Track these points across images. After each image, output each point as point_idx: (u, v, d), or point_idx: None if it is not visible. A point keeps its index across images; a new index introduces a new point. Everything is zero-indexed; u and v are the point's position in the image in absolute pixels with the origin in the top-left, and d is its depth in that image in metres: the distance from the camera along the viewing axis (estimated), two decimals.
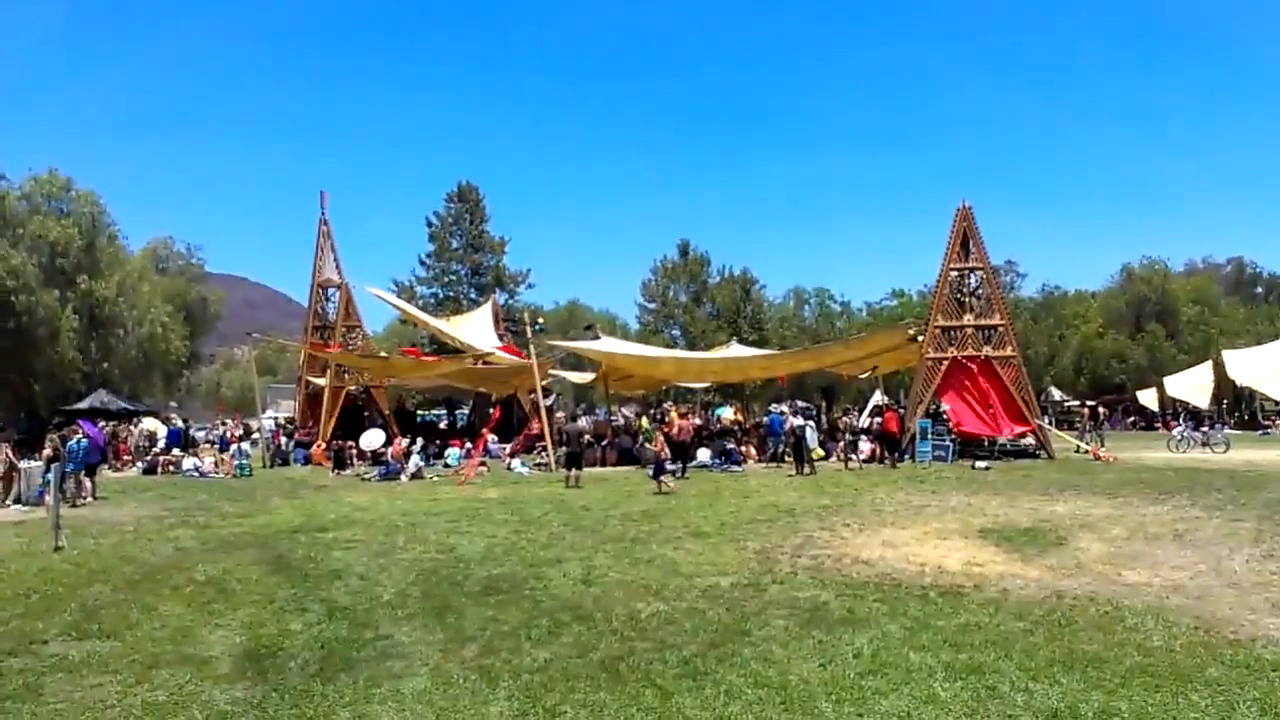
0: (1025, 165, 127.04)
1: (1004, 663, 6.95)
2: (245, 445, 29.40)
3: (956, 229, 26.83)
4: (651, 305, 72.31)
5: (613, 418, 33.33)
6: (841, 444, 25.77)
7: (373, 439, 28.78)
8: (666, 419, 27.66)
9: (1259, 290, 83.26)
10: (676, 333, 69.89)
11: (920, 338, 26.99)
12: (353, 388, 34.35)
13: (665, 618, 8.56)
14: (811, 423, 24.26)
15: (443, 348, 49.30)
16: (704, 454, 25.27)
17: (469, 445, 29.44)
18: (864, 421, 31.56)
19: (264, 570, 11.22)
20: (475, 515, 15.70)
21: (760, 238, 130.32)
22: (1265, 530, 12.19)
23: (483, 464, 25.59)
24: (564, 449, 22.42)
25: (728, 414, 40.08)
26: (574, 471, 20.84)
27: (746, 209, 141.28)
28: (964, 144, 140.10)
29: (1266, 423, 43.95)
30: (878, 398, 35.11)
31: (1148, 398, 54.18)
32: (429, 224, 63.99)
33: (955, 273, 26.95)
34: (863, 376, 42.11)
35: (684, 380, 40.25)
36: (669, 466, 23.58)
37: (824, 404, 48.04)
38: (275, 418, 45.71)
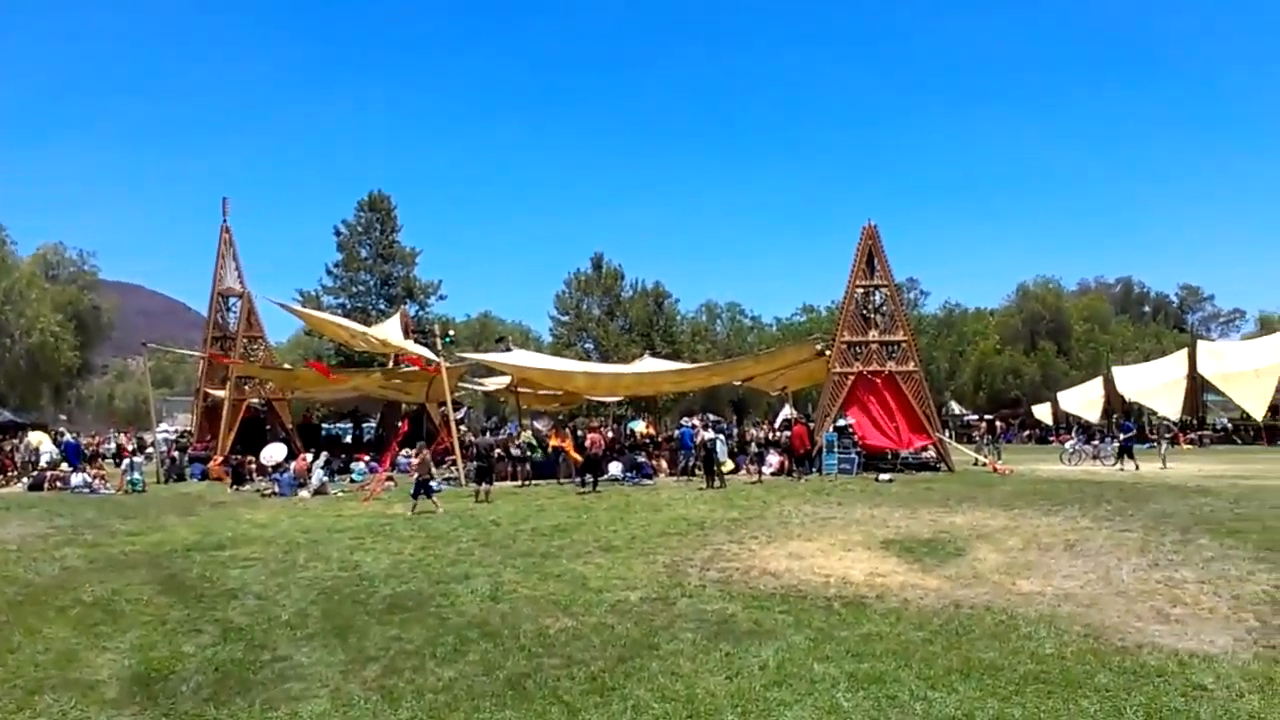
0: (930, 185, 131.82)
1: (904, 672, 7.13)
2: (139, 459, 28.22)
3: (862, 247, 27.50)
4: (565, 318, 72.16)
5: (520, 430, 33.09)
6: (750, 457, 26.09)
7: (274, 453, 27.94)
8: (561, 431, 27.57)
9: (1146, 309, 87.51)
10: (590, 345, 69.87)
11: (827, 353, 27.54)
12: (254, 400, 33.34)
13: (573, 633, 8.54)
14: (722, 436, 24.48)
15: (350, 359, 48.33)
16: (615, 467, 25.29)
17: (374, 459, 28.86)
18: (774, 435, 32.06)
19: (156, 590, 10.79)
20: (380, 531, 15.39)
21: (673, 251, 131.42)
22: (1151, 540, 12.75)
23: (390, 479, 25.10)
24: (474, 463, 22.15)
25: (640, 427, 40.26)
26: (484, 486, 20.61)
27: (660, 223, 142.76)
28: (872, 163, 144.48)
29: (1153, 437, 46.10)
30: (787, 411, 35.69)
31: (1042, 412, 56.34)
32: (337, 233, 62.65)
33: (861, 290, 27.60)
34: (774, 394, 42.81)
35: (597, 394, 40.21)
36: (579, 479, 23.61)
37: (735, 417, 48.66)
38: (170, 431, 44.03)
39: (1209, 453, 37.82)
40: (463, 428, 32.14)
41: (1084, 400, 51.54)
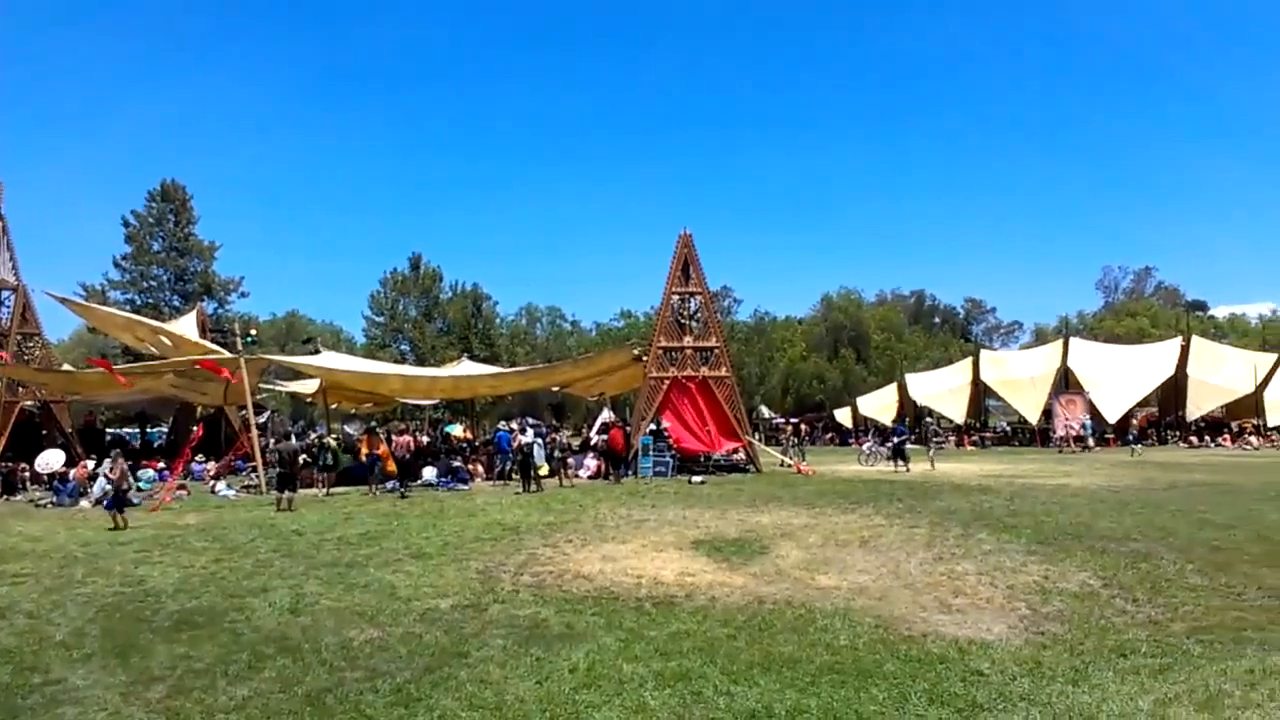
0: (744, 196, 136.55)
1: (709, 668, 7.32)
2: None
3: (678, 255, 28.15)
4: (380, 319, 70.07)
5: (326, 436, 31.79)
6: (559, 461, 26.09)
7: (51, 460, 25.63)
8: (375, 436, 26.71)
9: (937, 320, 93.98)
10: (406, 348, 68.14)
11: (644, 358, 28.00)
12: (28, 403, 30.46)
13: (379, 644, 8.26)
14: (539, 440, 24.41)
15: (140, 359, 45.00)
16: (429, 472, 24.73)
17: (165, 466, 26.99)
18: (593, 439, 32.27)
19: None
20: (169, 543, 14.39)
21: (494, 254, 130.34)
22: (937, 536, 13.66)
23: (182, 487, 23.54)
24: (276, 470, 21.07)
25: (457, 431, 39.60)
26: (287, 494, 19.65)
27: (481, 225, 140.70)
28: (689, 172, 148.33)
29: (941, 438, 49.56)
30: (605, 415, 36.03)
31: (843, 416, 59.45)
32: (126, 224, 58.25)
33: (677, 296, 28.23)
34: (592, 399, 43.09)
35: (412, 397, 39.20)
36: (391, 485, 22.91)
37: (554, 421, 48.68)
38: None
39: (990, 453, 40.98)
40: (265, 433, 30.53)
41: (880, 404, 54.78)
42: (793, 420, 50.17)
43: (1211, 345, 51.21)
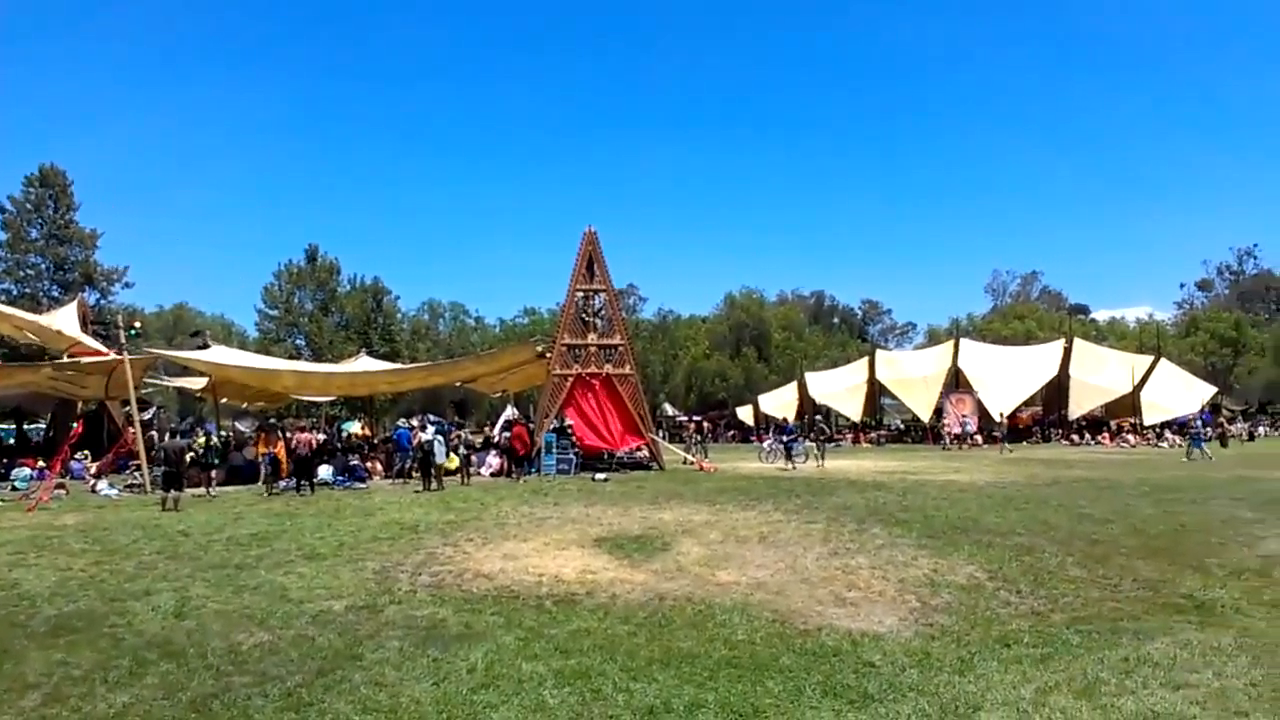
0: (650, 195, 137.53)
1: (609, 665, 7.32)
2: None
3: (583, 252, 28.08)
4: (274, 312, 67.89)
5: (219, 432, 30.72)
6: (467, 458, 25.78)
7: None
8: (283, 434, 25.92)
9: (835, 320, 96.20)
10: (301, 342, 66.25)
11: (548, 355, 27.86)
12: None
13: (269, 648, 8.01)
14: (440, 437, 24.02)
15: (15, 352, 42.64)
16: (325, 471, 24.08)
17: (43, 464, 25.62)
18: (496, 436, 31.96)
19: None
20: (46, 545, 13.65)
21: (395, 248, 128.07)
22: (832, 531, 13.96)
23: (60, 486, 22.37)
24: (161, 468, 20.21)
25: (354, 428, 38.69)
26: (173, 493, 18.87)
27: (382, 218, 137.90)
28: (595, 169, 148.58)
29: (839, 436, 50.76)
30: (509, 412, 35.73)
31: (745, 413, 60.32)
32: (2, 210, 55.12)
33: (581, 294, 28.17)
34: (495, 396, 42.70)
35: (307, 393, 38.13)
36: (285, 484, 22.25)
37: (456, 418, 47.99)
38: None
39: (884, 450, 42.15)
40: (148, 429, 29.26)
41: (781, 402, 55.76)
42: (696, 418, 50.69)
43: (1092, 347, 53.73)
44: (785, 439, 30.72)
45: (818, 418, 43.69)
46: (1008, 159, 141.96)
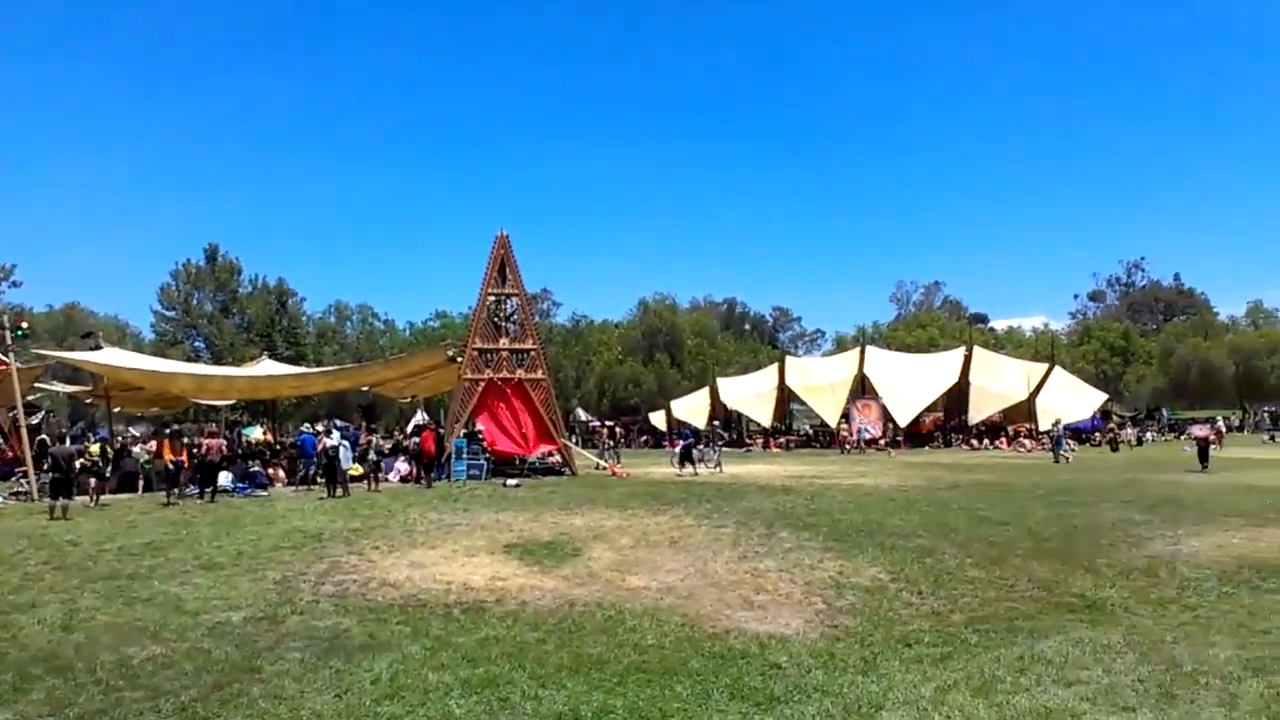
0: (564, 200, 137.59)
1: (517, 673, 7.25)
2: None
3: (495, 255, 27.83)
4: (171, 313, 65.44)
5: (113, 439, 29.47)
6: (376, 464, 25.26)
7: None
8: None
9: (747, 327, 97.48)
10: (200, 345, 64.02)
11: (459, 359, 27.52)
12: None
13: (163, 661, 7.71)
14: (346, 443, 23.48)
15: None
16: (225, 478, 23.27)
17: None
18: (405, 441, 31.41)
19: None
20: None
21: (302, 249, 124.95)
22: (742, 535, 14.12)
23: None
24: (50, 475, 19.25)
25: (256, 434, 37.56)
26: (61, 501, 18.00)
27: (287, 218, 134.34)
28: (507, 173, 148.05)
29: (749, 441, 51.37)
30: (419, 417, 35.19)
31: (657, 419, 60.55)
32: None
33: (493, 297, 27.91)
34: (404, 401, 42.00)
35: (205, 398, 36.81)
36: (190, 490, 21.44)
37: (364, 423, 47.04)
38: None
39: (793, 455, 42.80)
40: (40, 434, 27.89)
41: (693, 408, 56.15)
42: (608, 423, 50.69)
43: (991, 355, 55.58)
44: (681, 445, 30.89)
45: (715, 424, 44.13)
46: (913, 172, 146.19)
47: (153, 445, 24.99)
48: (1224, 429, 44.43)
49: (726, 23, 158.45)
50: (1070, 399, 48.45)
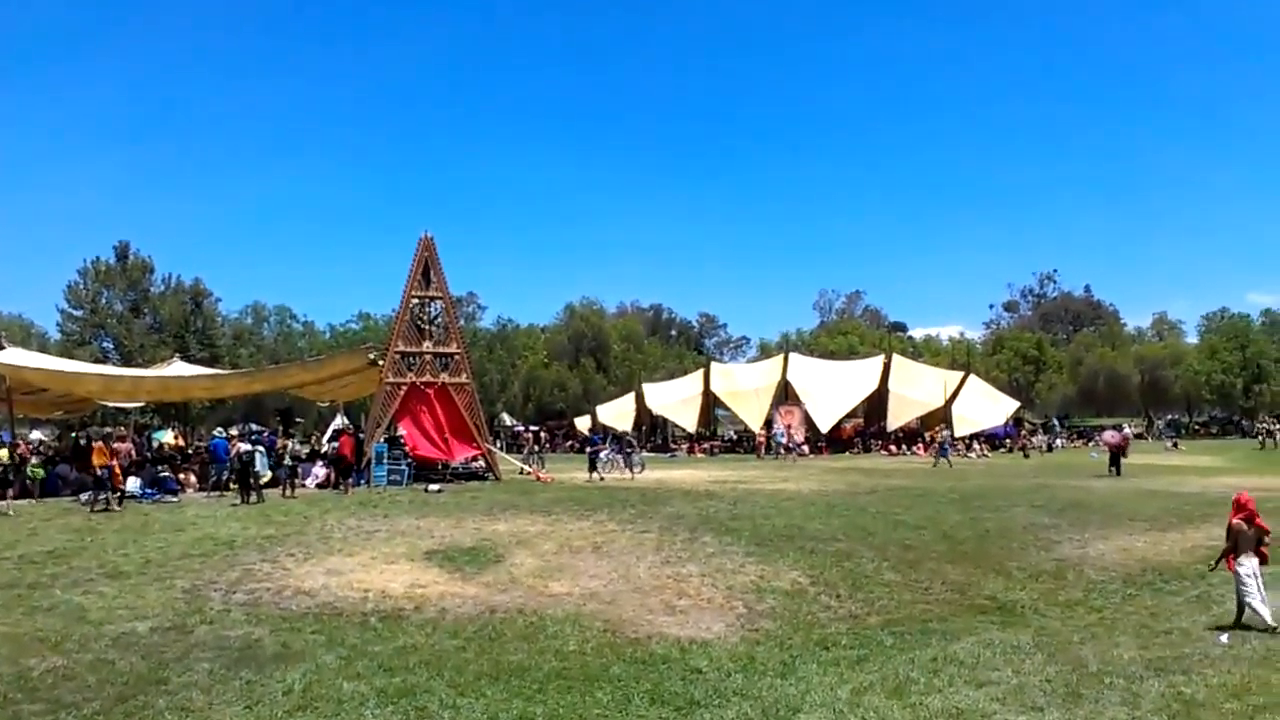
0: (491, 203, 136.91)
1: (435, 681, 7.15)
2: None
3: (419, 258, 27.45)
4: (79, 313, 62.93)
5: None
6: (293, 470, 24.67)
7: None
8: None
9: (674, 333, 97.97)
10: (109, 345, 61.67)
11: (381, 362, 27.06)
12: None
13: (64, 673, 7.41)
14: (261, 447, 22.86)
15: None
16: (133, 483, 22.44)
17: None
18: (324, 447, 30.74)
19: None
20: None
21: (218, 248, 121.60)
22: (665, 540, 14.16)
23: None
24: None
25: (167, 438, 36.39)
26: None
27: (204, 217, 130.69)
28: (433, 175, 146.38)
29: (675, 446, 51.59)
30: (338, 421, 34.46)
31: (583, 424, 60.44)
32: None
33: (417, 300, 27.52)
34: (324, 405, 41.11)
35: (114, 399, 35.47)
36: (103, 496, 20.59)
37: (280, 427, 45.90)
38: None
39: (717, 461, 43.15)
40: None
41: (619, 412, 56.19)
42: (533, 428, 50.39)
43: (909, 363, 56.86)
44: (590, 450, 30.89)
45: (627, 433, 44.26)
46: (836, 183, 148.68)
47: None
48: (1130, 435, 46.27)
49: (653, 27, 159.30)
50: (984, 406, 49.83)
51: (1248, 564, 8.86)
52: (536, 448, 37.64)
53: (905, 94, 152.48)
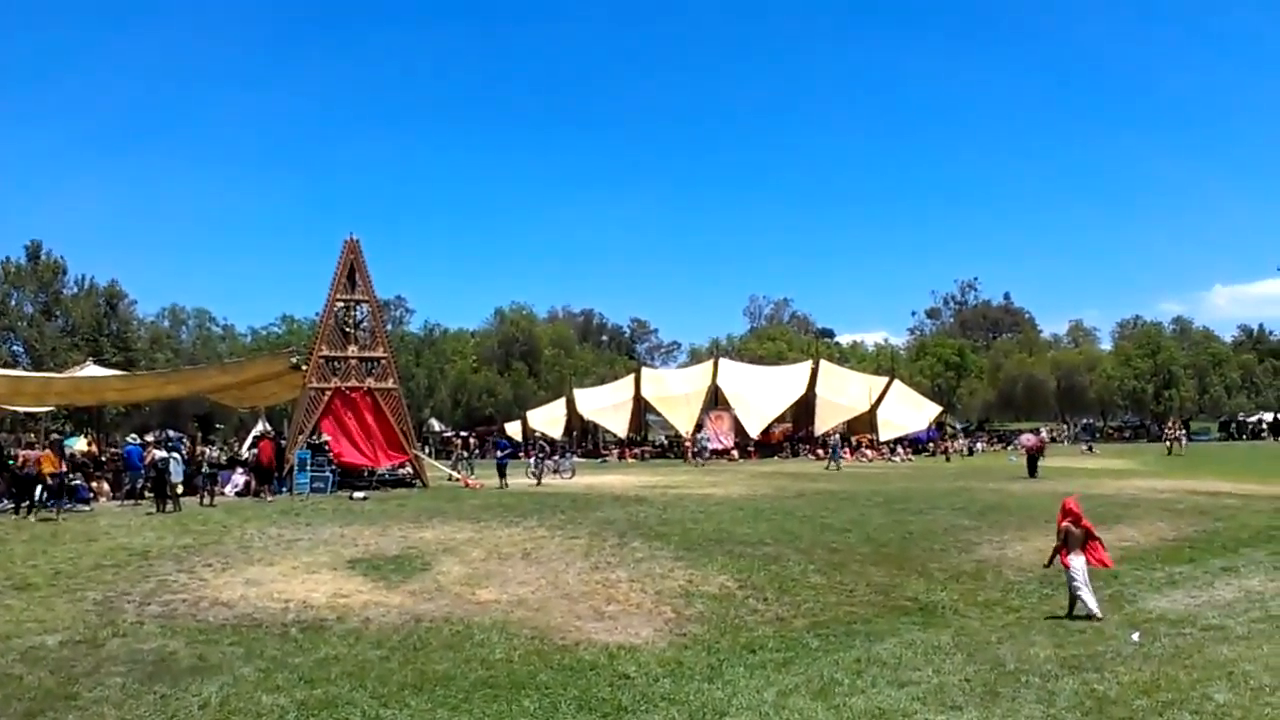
0: (419, 206, 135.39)
1: (358, 693, 7.02)
2: None
3: (344, 260, 27.00)
4: None
5: None
6: (212, 477, 23.98)
7: None
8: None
9: (605, 338, 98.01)
10: (19, 349, 59.30)
11: (303, 366, 26.51)
12: None
13: None
14: (177, 454, 22.18)
15: None
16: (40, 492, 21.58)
17: None
18: (244, 453, 29.98)
19: None
20: None
21: (135, 249, 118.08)
22: (595, 545, 14.13)
23: None
24: None
25: (79, 445, 35.08)
26: None
27: (120, 217, 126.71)
28: (358, 177, 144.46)
29: (606, 451, 51.58)
30: (260, 427, 33.63)
31: (514, 429, 60.04)
32: None
33: (342, 304, 27.05)
34: (245, 411, 40.09)
35: (21, 404, 34.07)
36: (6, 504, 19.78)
37: (198, 433, 44.61)
38: None
39: (648, 466, 43.26)
40: None
41: (550, 418, 55.98)
42: (463, 433, 49.88)
43: (836, 368, 57.79)
44: (499, 455, 30.71)
45: (538, 435, 44.16)
46: (765, 190, 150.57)
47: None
48: (1047, 439, 47.69)
49: (587, 28, 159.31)
50: (908, 411, 50.93)
51: (1076, 561, 9.92)
52: (466, 454, 37.27)
53: (833, 105, 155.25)
